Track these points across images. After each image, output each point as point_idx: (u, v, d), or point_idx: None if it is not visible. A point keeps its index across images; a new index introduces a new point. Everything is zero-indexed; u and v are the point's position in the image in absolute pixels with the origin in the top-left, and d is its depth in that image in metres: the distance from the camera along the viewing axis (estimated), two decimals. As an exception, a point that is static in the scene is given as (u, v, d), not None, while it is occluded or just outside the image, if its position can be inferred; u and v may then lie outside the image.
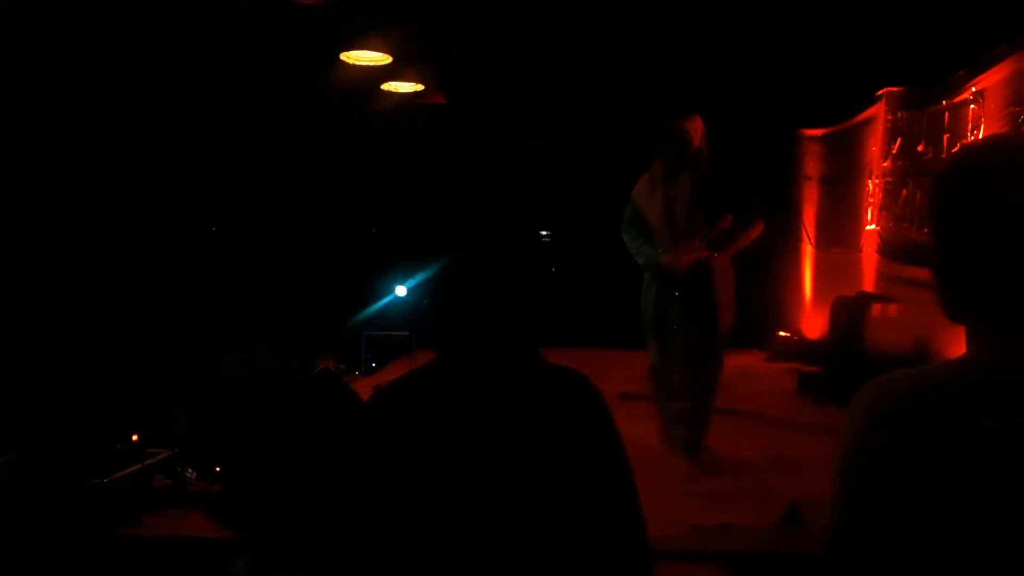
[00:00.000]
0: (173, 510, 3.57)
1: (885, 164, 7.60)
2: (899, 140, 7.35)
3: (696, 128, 4.57)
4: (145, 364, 4.69)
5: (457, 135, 8.86)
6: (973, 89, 6.21)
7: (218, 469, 3.77)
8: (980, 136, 6.15)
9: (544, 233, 10.96)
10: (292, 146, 8.16)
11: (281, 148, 8.08)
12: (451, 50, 7.39)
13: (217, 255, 7.31)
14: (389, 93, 7.87)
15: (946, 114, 6.59)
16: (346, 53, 6.81)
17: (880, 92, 7.67)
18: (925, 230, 6.83)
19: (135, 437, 3.87)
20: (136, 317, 5.19)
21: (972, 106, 6.23)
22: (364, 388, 6.62)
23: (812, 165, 9.28)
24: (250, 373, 3.86)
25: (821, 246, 9.08)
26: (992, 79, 5.99)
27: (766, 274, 9.06)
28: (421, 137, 8.81)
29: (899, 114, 7.39)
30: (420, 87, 7.87)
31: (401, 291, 8.58)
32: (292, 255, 8.01)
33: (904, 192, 7.24)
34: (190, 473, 3.87)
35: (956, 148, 6.47)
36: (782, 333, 9.01)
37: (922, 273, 6.84)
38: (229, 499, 3.56)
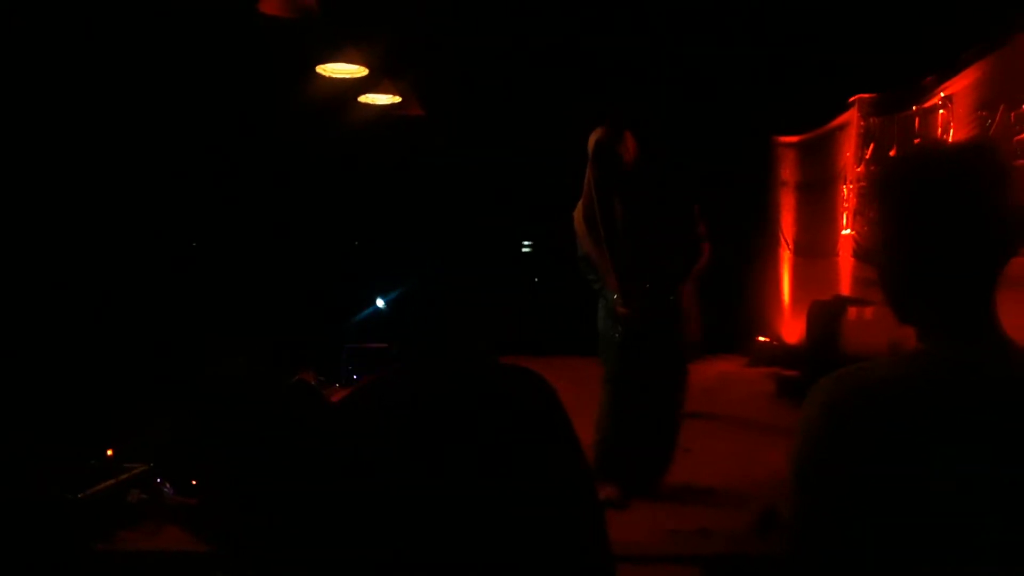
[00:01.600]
0: (148, 524, 3.54)
1: (859, 169, 7.69)
2: (872, 145, 7.45)
3: (628, 147, 4.01)
4: (121, 377, 4.66)
5: (436, 147, 8.88)
6: (942, 94, 6.32)
7: (194, 483, 3.74)
8: (950, 140, 6.24)
9: (526, 244, 10.99)
10: (271, 160, 8.15)
11: (260, 162, 8.07)
12: (428, 61, 7.42)
13: (196, 268, 7.29)
14: (367, 105, 7.89)
15: (916, 119, 6.69)
16: (322, 66, 6.82)
17: (852, 99, 7.77)
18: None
19: (110, 452, 3.84)
20: (112, 329, 5.16)
21: (941, 111, 6.32)
22: (344, 400, 6.60)
23: (788, 171, 9.37)
24: (227, 386, 3.84)
25: (799, 251, 9.16)
26: (960, 84, 6.09)
27: (745, 280, 9.14)
28: (401, 149, 8.82)
29: (871, 120, 7.49)
30: (397, 99, 7.89)
31: (382, 303, 8.57)
32: (272, 268, 7.98)
33: (878, 197, 7.33)
34: (167, 488, 3.84)
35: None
36: (761, 338, 9.07)
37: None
38: (205, 513, 3.54)
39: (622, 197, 4.11)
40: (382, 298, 8.46)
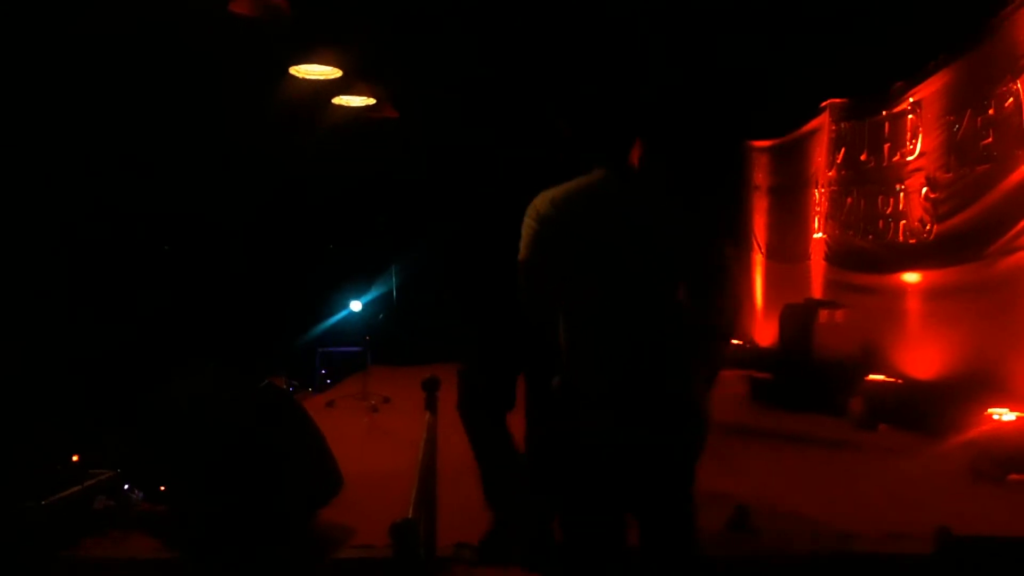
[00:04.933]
0: (115, 531, 3.48)
1: (830, 173, 7.76)
2: (843, 150, 7.52)
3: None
4: (88, 381, 4.59)
5: (410, 148, 8.84)
6: (911, 99, 6.39)
7: (163, 489, 3.69)
8: (918, 145, 6.32)
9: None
10: (244, 163, 8.08)
11: (233, 165, 8.00)
12: (402, 63, 7.39)
13: (166, 272, 7.21)
14: (340, 107, 7.84)
15: (886, 124, 6.77)
16: (295, 67, 6.77)
17: (824, 103, 7.84)
18: (870, 236, 7.01)
19: (75, 457, 3.78)
20: (79, 333, 5.09)
21: (910, 116, 6.40)
22: (318, 404, 6.56)
23: (761, 176, 9.44)
24: (195, 391, 3.80)
25: (771, 255, 9.22)
26: (928, 90, 6.17)
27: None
28: (375, 151, 8.78)
29: (842, 124, 7.56)
30: (372, 101, 7.85)
31: (356, 306, 8.52)
32: (243, 272, 7.91)
33: (849, 200, 7.40)
34: (135, 494, 3.79)
35: (896, 157, 6.64)
36: (735, 341, 9.12)
37: (867, 279, 7.02)
38: (173, 519, 3.49)
39: None
40: (357, 300, 8.39)
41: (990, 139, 5.40)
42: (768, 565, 3.39)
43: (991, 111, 5.37)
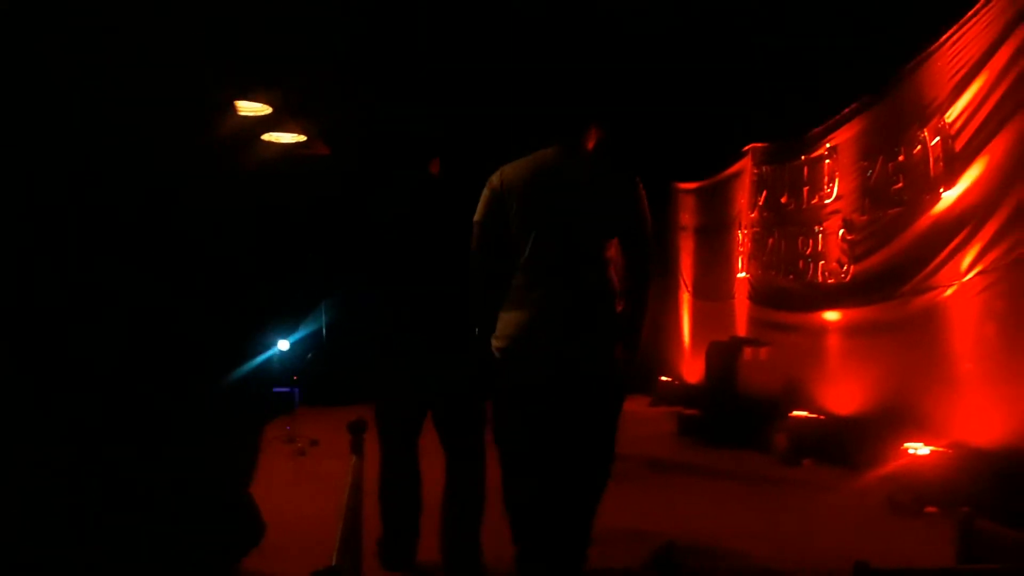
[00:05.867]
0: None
1: (753, 215, 8.00)
2: (765, 192, 7.76)
3: None
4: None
5: (341, 185, 8.79)
6: (828, 145, 6.65)
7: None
8: (835, 189, 6.57)
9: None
10: (169, 199, 7.91)
11: (160, 201, 7.82)
12: (333, 101, 7.37)
13: (83, 310, 6.96)
14: (270, 144, 7.76)
15: (805, 168, 7.02)
16: (224, 103, 6.69)
17: (746, 148, 8.10)
18: (791, 276, 7.24)
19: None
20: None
21: (827, 161, 6.66)
22: (242, 446, 6.39)
23: (687, 216, 9.67)
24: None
25: (697, 294, 9.42)
26: (844, 136, 6.44)
27: (647, 321, 9.32)
28: (306, 188, 8.70)
29: (764, 168, 7.81)
30: (302, 138, 7.79)
31: (283, 345, 8.36)
32: (164, 308, 7.70)
33: (770, 241, 7.63)
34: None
35: (815, 200, 6.89)
36: (664, 378, 9.26)
37: (789, 317, 7.22)
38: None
39: None
40: (284, 339, 8.24)
41: (901, 184, 5.65)
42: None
43: (901, 157, 5.63)
